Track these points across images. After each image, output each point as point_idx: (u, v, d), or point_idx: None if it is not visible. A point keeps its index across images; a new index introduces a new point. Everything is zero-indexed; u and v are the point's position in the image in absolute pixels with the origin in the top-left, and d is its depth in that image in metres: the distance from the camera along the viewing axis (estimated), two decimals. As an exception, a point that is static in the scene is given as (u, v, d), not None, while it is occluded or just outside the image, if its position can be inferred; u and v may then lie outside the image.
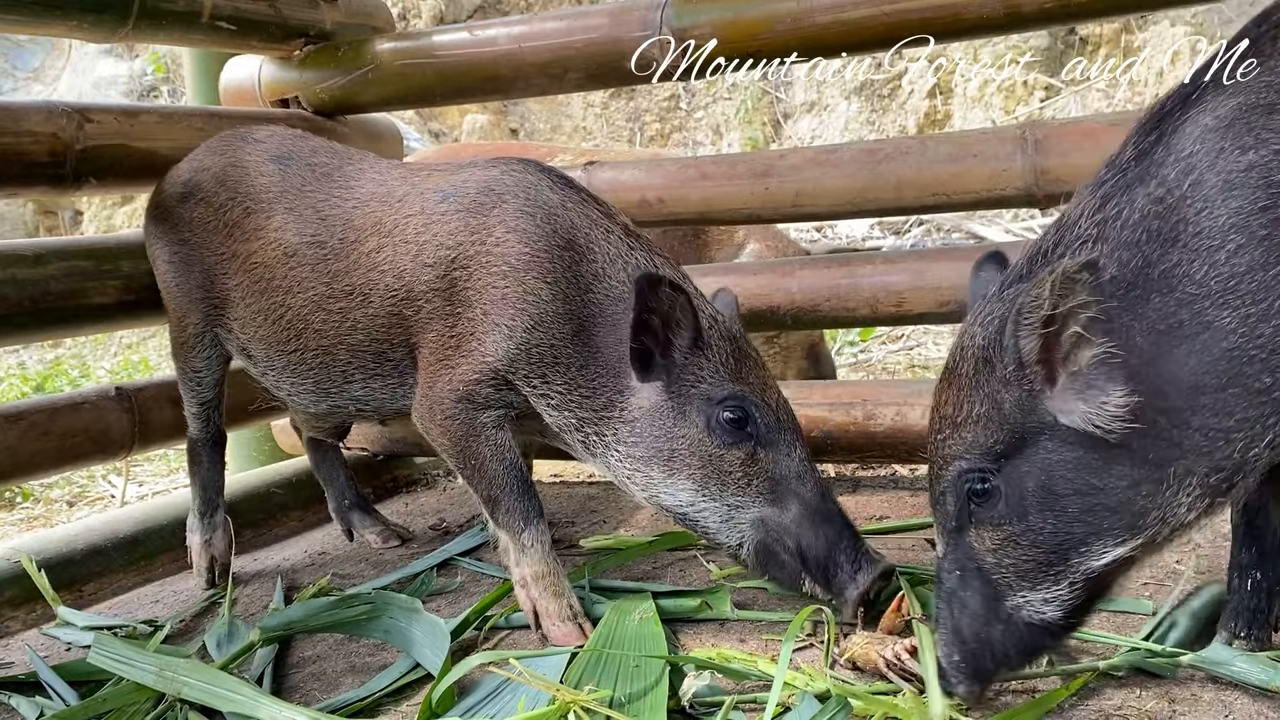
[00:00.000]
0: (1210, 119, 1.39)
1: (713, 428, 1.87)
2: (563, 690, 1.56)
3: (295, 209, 2.26)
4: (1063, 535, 1.40)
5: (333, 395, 2.30)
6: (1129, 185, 1.42)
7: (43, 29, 2.58)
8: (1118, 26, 7.72)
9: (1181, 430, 1.35)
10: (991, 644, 1.46)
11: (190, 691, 1.71)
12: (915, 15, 2.44)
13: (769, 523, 1.86)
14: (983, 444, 1.44)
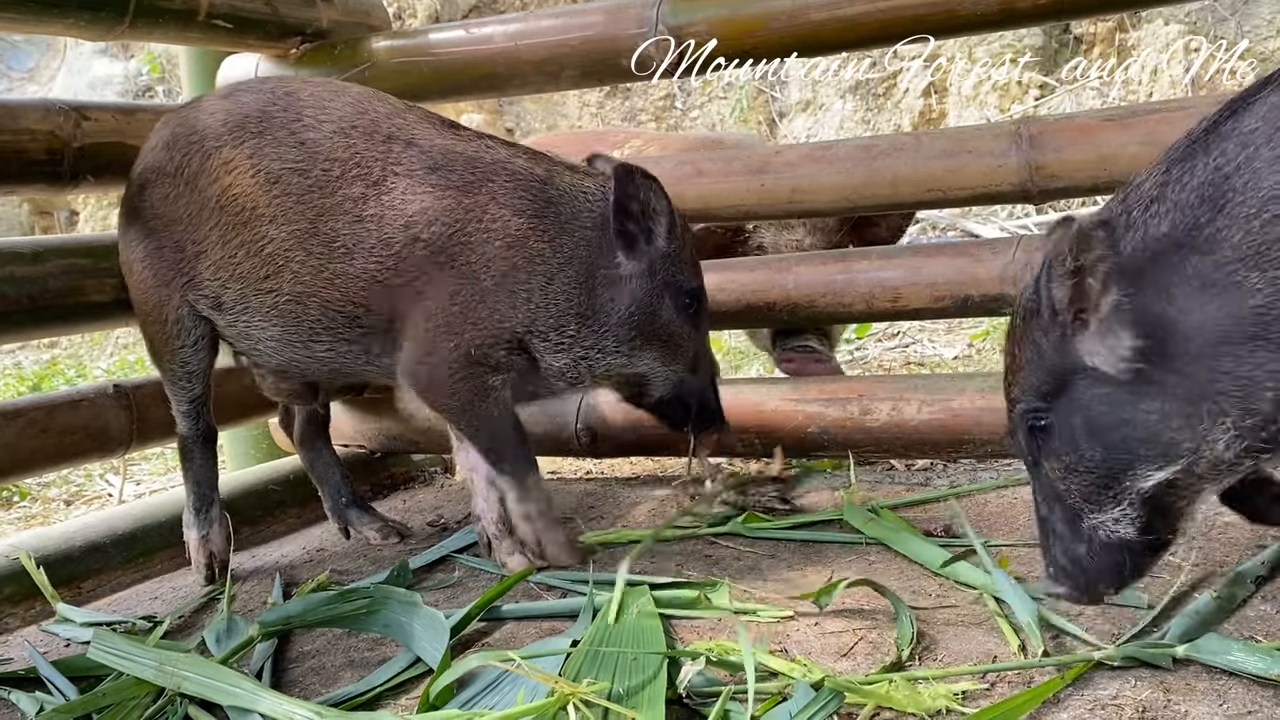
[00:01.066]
0: (1277, 99, 1.51)
1: (680, 311, 2.23)
2: (561, 682, 1.57)
3: (265, 132, 2.19)
4: (1110, 462, 1.57)
5: (295, 349, 2.27)
6: (1194, 154, 1.56)
7: (39, 27, 2.59)
8: (1112, 25, 7.73)
9: (1212, 375, 1.49)
10: (1082, 561, 1.64)
11: (190, 686, 1.72)
12: (910, 12, 2.45)
13: (685, 383, 2.30)
14: (1035, 386, 1.62)
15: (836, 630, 1.87)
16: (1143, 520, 1.60)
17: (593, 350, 2.21)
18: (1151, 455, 1.55)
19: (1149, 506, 1.59)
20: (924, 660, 1.72)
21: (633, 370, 2.26)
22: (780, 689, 1.59)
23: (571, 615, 2.01)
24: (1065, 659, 1.64)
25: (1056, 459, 1.63)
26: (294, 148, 2.17)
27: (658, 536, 2.43)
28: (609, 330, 2.20)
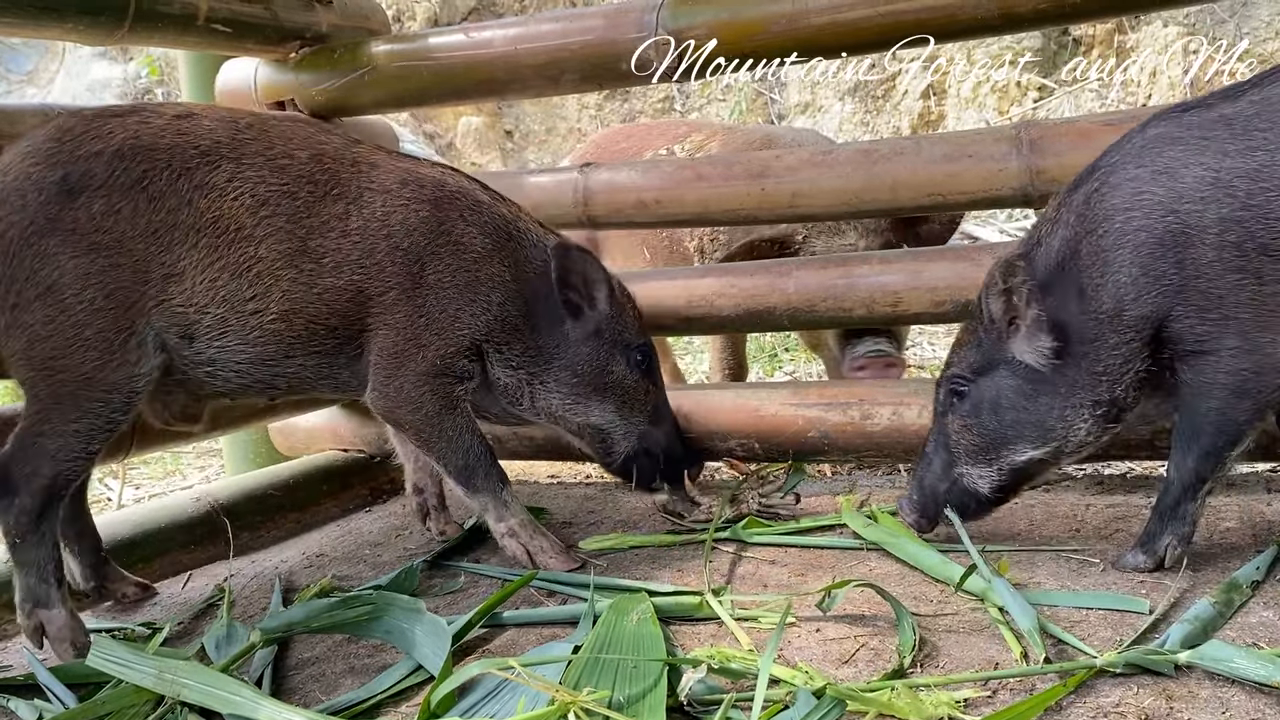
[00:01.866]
0: (1140, 139, 1.92)
1: (630, 366, 2.43)
2: (562, 691, 1.57)
3: (241, 158, 2.18)
4: (1000, 434, 2.04)
5: (267, 367, 2.23)
6: (1081, 182, 1.99)
7: (39, 31, 2.58)
8: (1111, 27, 7.74)
9: (1080, 373, 1.93)
10: (938, 495, 2.14)
11: (190, 693, 1.71)
12: (910, 16, 2.45)
13: (648, 435, 2.46)
14: (969, 361, 2.09)
15: (838, 637, 1.86)
16: (1002, 483, 2.08)
17: (535, 380, 2.39)
18: (1032, 436, 2.01)
19: (1013, 473, 2.06)
20: (926, 667, 1.72)
21: (589, 421, 2.43)
22: (782, 696, 1.59)
23: (572, 621, 2.01)
24: (1067, 666, 1.63)
25: (960, 418, 2.09)
26: (276, 173, 2.19)
27: (658, 543, 2.43)
28: (553, 371, 2.39)
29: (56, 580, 2.09)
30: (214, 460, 4.41)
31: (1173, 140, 1.86)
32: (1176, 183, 1.83)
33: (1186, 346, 1.86)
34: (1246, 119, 1.82)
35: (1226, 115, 1.85)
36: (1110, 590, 1.94)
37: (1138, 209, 1.85)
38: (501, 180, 3.20)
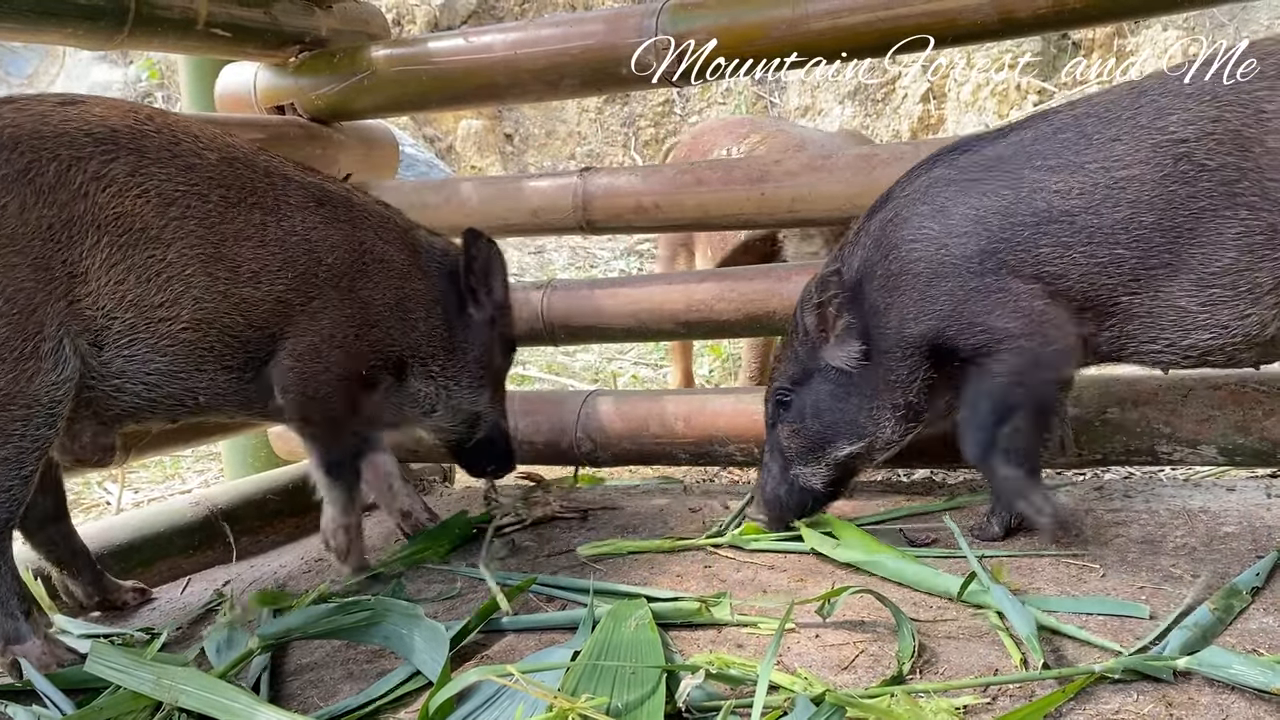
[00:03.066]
0: (925, 178, 2.19)
1: (505, 358, 2.58)
2: (560, 697, 1.57)
3: (144, 151, 2.08)
4: (821, 435, 2.28)
5: (179, 381, 2.15)
6: (879, 208, 2.25)
7: (38, 36, 2.59)
8: (1110, 31, 7.74)
9: (880, 379, 2.19)
10: (781, 497, 2.35)
11: (187, 699, 1.71)
12: (910, 21, 2.46)
13: (499, 423, 2.60)
14: (789, 374, 2.31)
15: (837, 643, 1.86)
16: (831, 478, 2.31)
17: (451, 383, 2.48)
18: (848, 434, 2.25)
19: (838, 468, 2.30)
20: (925, 673, 1.72)
21: (474, 409, 2.54)
22: (781, 703, 1.59)
23: (571, 627, 2.00)
24: (1066, 672, 1.63)
25: (787, 425, 2.32)
26: (184, 171, 2.11)
27: (656, 548, 2.43)
28: (465, 367, 2.48)
29: (23, 612, 2.04)
30: (213, 464, 4.41)
31: (947, 182, 2.14)
32: (947, 220, 2.11)
33: (967, 355, 2.13)
34: (1003, 160, 2.10)
35: (988, 157, 2.13)
36: (1110, 596, 1.93)
37: (918, 241, 2.13)
38: (500, 185, 3.21)
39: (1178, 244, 1.95)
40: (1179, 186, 1.94)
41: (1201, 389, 2.40)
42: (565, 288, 3.13)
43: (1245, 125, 1.90)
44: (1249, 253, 1.91)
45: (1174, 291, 1.98)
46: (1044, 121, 2.12)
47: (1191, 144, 1.93)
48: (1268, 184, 1.88)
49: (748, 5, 2.61)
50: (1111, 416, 2.47)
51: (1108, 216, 1.98)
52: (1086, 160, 2.01)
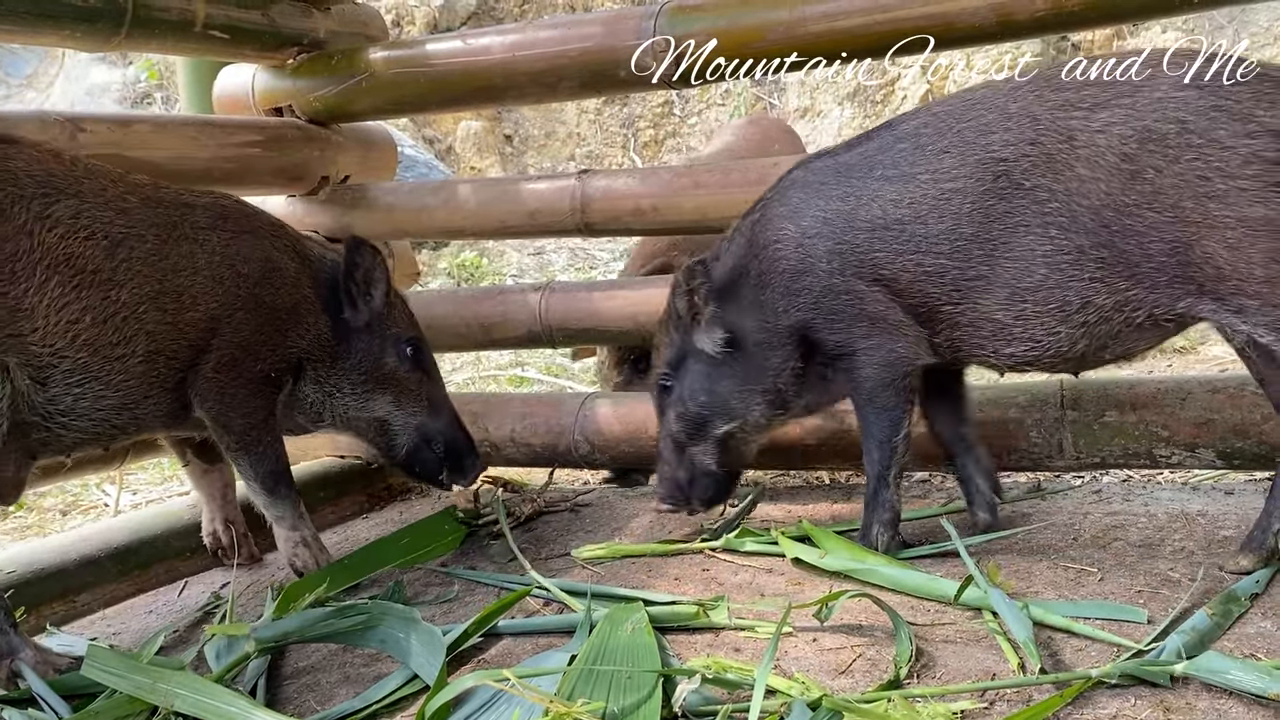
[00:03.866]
0: (787, 180, 2.31)
1: (402, 358, 2.56)
2: (556, 702, 1.56)
3: (82, 195, 2.12)
4: (701, 414, 2.38)
5: (123, 414, 2.22)
6: (752, 210, 2.36)
7: (35, 38, 2.58)
8: (1110, 32, 7.73)
9: (753, 365, 2.31)
10: (679, 480, 2.45)
11: (183, 703, 1.71)
12: (908, 24, 2.45)
13: (426, 427, 2.59)
14: (667, 360, 2.43)
15: (835, 647, 1.86)
16: (719, 455, 2.41)
17: (335, 390, 2.53)
18: (722, 413, 2.37)
19: (720, 445, 2.40)
20: (922, 678, 1.71)
21: (372, 415, 2.56)
22: (777, 707, 1.58)
23: (568, 631, 2.00)
24: (1063, 676, 1.63)
25: (672, 409, 2.42)
26: (120, 214, 2.18)
27: (652, 552, 2.43)
28: (345, 374, 2.52)
29: (11, 625, 2.04)
30: (211, 466, 4.39)
31: (803, 185, 2.26)
32: (802, 221, 2.22)
33: (829, 350, 2.25)
34: (850, 168, 2.21)
35: (840, 164, 2.24)
36: (1107, 600, 1.93)
37: (780, 242, 2.25)
38: (499, 187, 3.21)
39: (993, 258, 2.04)
40: (996, 202, 2.02)
41: (1200, 392, 2.40)
42: (563, 290, 3.13)
43: (1059, 150, 1.97)
44: (1057, 271, 1.99)
45: (990, 304, 2.07)
46: (889, 130, 2.21)
47: (1010, 163, 2.01)
48: (1076, 208, 1.96)
49: (745, 8, 2.61)
50: (1110, 420, 2.47)
51: (933, 226, 2.08)
52: (918, 171, 2.11)
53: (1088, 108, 1.96)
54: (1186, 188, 1.86)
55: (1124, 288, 1.96)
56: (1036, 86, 2.04)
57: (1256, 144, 1.82)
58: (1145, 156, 1.89)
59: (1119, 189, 1.91)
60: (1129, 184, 1.90)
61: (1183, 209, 1.87)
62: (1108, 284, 1.97)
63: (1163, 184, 1.88)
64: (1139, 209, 1.90)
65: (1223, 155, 1.84)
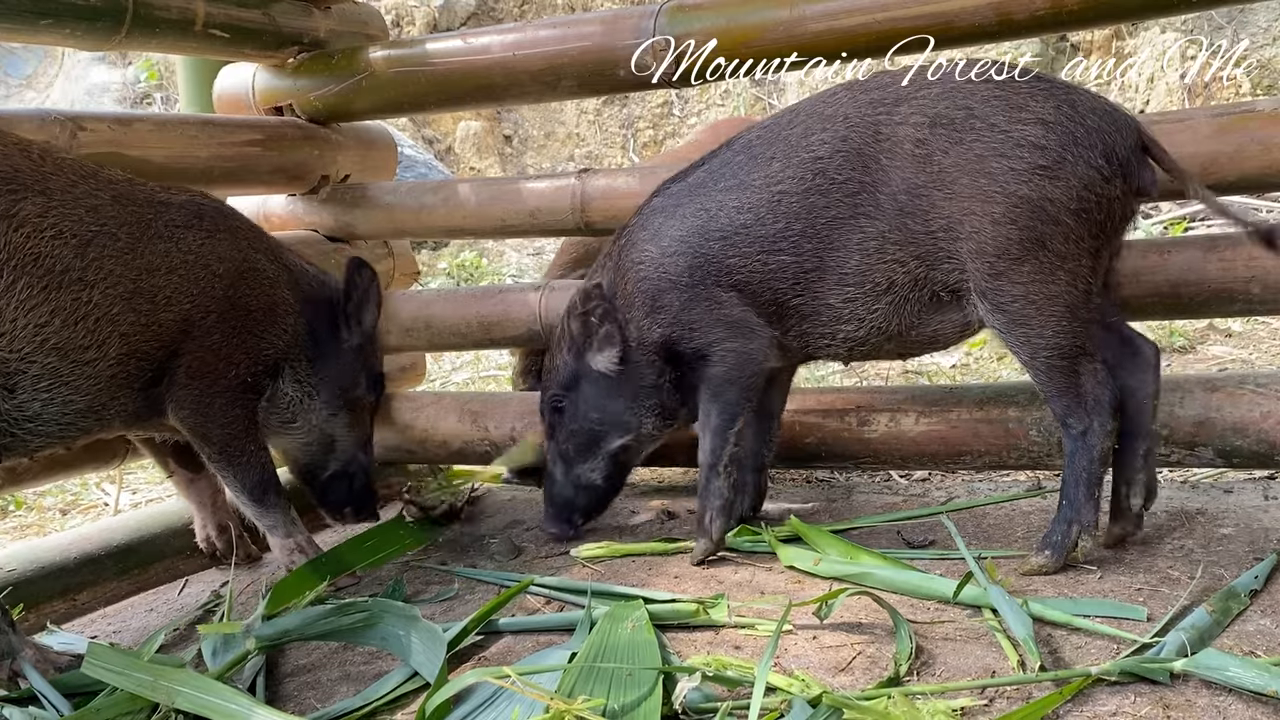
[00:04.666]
0: (649, 206, 2.44)
1: (370, 389, 2.64)
2: (557, 699, 1.57)
3: (49, 193, 2.05)
4: (593, 431, 2.49)
5: (90, 417, 2.17)
6: (619, 236, 2.49)
7: (35, 37, 2.58)
8: (1109, 32, 7.74)
9: (636, 380, 2.43)
10: (568, 498, 2.55)
11: (184, 701, 1.71)
12: (908, 23, 2.45)
13: (356, 460, 2.64)
14: (560, 380, 2.51)
15: (835, 644, 1.86)
16: (608, 471, 2.51)
17: (312, 394, 2.53)
18: (617, 428, 2.47)
19: (612, 461, 2.50)
20: (922, 675, 1.72)
21: (329, 433, 2.59)
22: (778, 704, 1.59)
23: (568, 628, 2.01)
24: (1063, 674, 1.63)
25: (564, 428, 2.51)
26: (90, 211, 2.11)
27: (651, 551, 2.43)
28: (325, 382, 2.54)
29: (10, 626, 2.02)
30: (211, 465, 4.40)
31: (661, 209, 2.40)
32: (662, 242, 2.36)
33: (690, 357, 2.37)
34: (699, 185, 2.36)
35: (690, 183, 2.38)
36: (1107, 598, 1.93)
37: (644, 263, 2.38)
38: (498, 186, 3.20)
39: (821, 249, 2.20)
40: (817, 198, 2.19)
41: (1198, 391, 2.40)
42: (563, 290, 3.13)
43: (866, 144, 2.14)
44: (868, 256, 2.16)
45: (824, 291, 2.22)
46: (728, 148, 2.37)
47: (825, 161, 2.18)
48: (880, 196, 2.13)
49: (745, 7, 2.61)
50: (1109, 418, 2.47)
51: (770, 227, 2.24)
52: (754, 179, 2.27)
53: (891, 103, 2.13)
54: (966, 166, 2.04)
55: (914, 267, 2.14)
56: (850, 90, 2.22)
57: (1027, 130, 2.01)
58: (935, 140, 2.07)
59: (913, 173, 2.09)
60: (921, 168, 2.08)
61: (960, 186, 2.05)
62: (902, 264, 2.14)
63: (946, 164, 2.06)
64: (927, 190, 2.08)
65: (999, 138, 2.02)
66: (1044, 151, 2.00)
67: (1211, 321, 4.39)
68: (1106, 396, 2.06)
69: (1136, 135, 2.07)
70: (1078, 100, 2.05)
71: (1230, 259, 2.36)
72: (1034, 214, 2.00)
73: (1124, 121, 2.07)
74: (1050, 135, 2.01)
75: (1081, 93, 2.08)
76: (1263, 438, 2.32)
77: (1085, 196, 2.01)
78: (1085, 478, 2.07)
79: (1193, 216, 5.79)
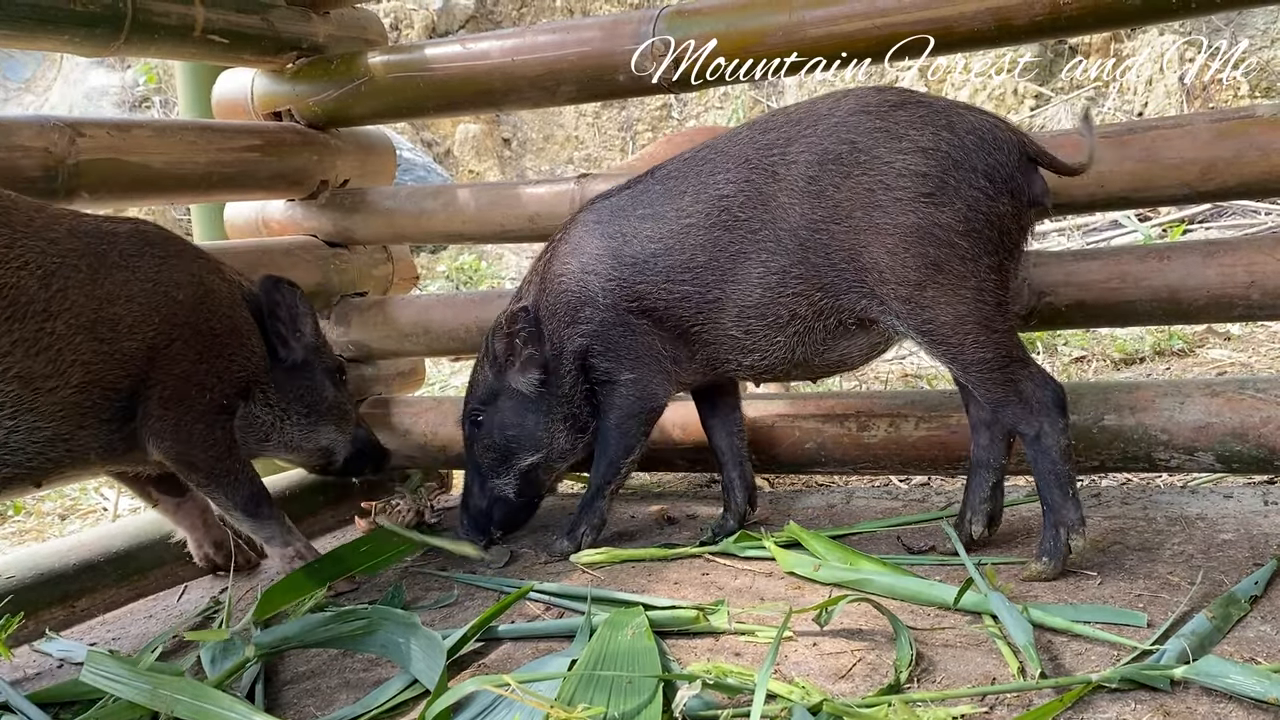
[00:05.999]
0: (576, 220, 2.53)
1: (337, 386, 2.66)
2: (557, 707, 1.56)
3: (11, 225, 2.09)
4: (508, 447, 2.54)
5: (57, 446, 2.17)
6: (545, 251, 2.57)
7: (35, 43, 2.58)
8: (1107, 35, 7.74)
9: (552, 396, 2.50)
10: (482, 510, 2.59)
11: (182, 709, 1.70)
12: (907, 28, 2.45)
13: (358, 439, 2.72)
14: (480, 396, 2.57)
15: (835, 651, 1.86)
16: (521, 486, 2.56)
17: (283, 416, 2.56)
18: (530, 447, 2.53)
19: (524, 478, 2.56)
20: (922, 682, 1.71)
21: (317, 445, 2.65)
22: (778, 712, 1.58)
23: (568, 635, 2.00)
24: (1064, 681, 1.63)
25: (480, 442, 2.57)
26: (49, 243, 2.13)
27: (651, 556, 2.43)
28: (290, 404, 2.56)
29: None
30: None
31: (584, 224, 2.49)
32: (582, 257, 2.44)
33: (598, 377, 2.47)
34: (620, 209, 2.44)
35: (613, 205, 2.47)
36: (1107, 604, 1.93)
37: (566, 276, 2.46)
38: (498, 190, 3.20)
39: (723, 281, 2.29)
40: (722, 233, 2.28)
41: (1198, 396, 2.40)
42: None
43: (766, 184, 2.23)
44: (770, 290, 2.24)
45: (726, 322, 2.31)
46: (651, 176, 2.46)
47: (730, 199, 2.27)
48: (780, 232, 2.21)
49: (744, 12, 2.61)
50: (1109, 423, 2.47)
51: (677, 258, 2.33)
52: (667, 210, 2.36)
53: (784, 143, 2.22)
54: (857, 199, 2.11)
55: (818, 298, 2.21)
56: (751, 130, 2.32)
57: (907, 159, 2.08)
58: (825, 176, 2.15)
59: (810, 209, 2.17)
60: (816, 203, 2.16)
61: (855, 219, 2.12)
62: (806, 296, 2.22)
63: (840, 199, 2.13)
64: (825, 224, 2.16)
65: (883, 170, 2.09)
66: (925, 179, 2.07)
67: (1210, 325, 4.39)
68: (1049, 396, 2.09)
69: (1019, 150, 2.11)
70: (956, 123, 2.10)
71: (1230, 264, 2.36)
72: (925, 240, 2.06)
73: (1004, 138, 2.11)
74: (930, 162, 2.07)
75: (961, 115, 2.12)
76: (1262, 443, 2.33)
77: (973, 217, 2.06)
78: (1054, 479, 2.08)
79: (1191, 219, 5.79)
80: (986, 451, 2.22)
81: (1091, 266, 2.50)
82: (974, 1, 2.38)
